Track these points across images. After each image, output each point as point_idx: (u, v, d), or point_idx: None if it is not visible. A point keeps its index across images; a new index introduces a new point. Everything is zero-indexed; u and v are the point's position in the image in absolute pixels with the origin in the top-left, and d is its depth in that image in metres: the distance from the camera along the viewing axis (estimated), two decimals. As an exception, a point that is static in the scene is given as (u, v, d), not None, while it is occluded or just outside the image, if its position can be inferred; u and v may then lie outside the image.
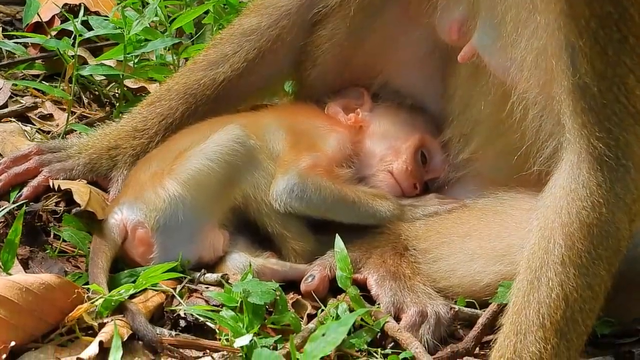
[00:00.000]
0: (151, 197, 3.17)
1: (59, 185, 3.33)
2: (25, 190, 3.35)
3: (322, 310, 3.04)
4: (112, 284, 3.00)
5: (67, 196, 3.32)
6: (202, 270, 3.16)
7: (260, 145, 3.33)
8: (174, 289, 3.06)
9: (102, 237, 3.13)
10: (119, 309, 2.87)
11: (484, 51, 3.10)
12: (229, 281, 3.09)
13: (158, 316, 2.97)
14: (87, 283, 2.99)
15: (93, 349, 2.69)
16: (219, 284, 3.11)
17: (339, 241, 3.14)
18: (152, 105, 3.61)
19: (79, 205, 3.21)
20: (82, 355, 2.66)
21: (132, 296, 2.93)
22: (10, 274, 2.95)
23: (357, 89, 3.62)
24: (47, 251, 3.21)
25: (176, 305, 2.99)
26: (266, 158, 3.31)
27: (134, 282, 2.99)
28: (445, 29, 3.30)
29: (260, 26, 3.60)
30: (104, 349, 2.70)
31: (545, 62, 2.67)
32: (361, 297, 3.09)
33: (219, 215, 3.24)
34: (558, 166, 2.68)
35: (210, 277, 3.14)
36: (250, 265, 3.14)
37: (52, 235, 3.28)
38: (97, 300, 2.85)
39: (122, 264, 3.16)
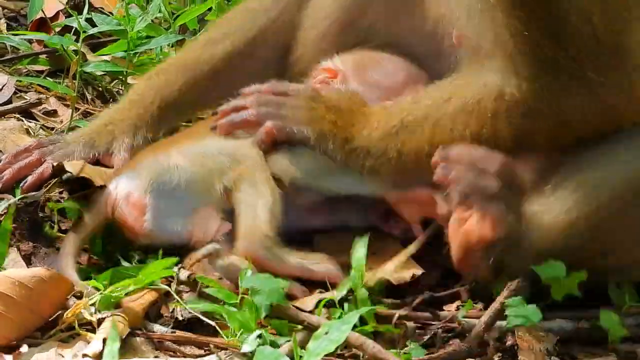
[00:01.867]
0: (150, 162, 3.18)
1: (60, 176, 3.31)
2: (31, 178, 3.32)
3: (326, 307, 3.03)
4: (110, 280, 2.98)
5: (69, 186, 3.31)
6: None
7: None
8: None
9: (90, 212, 3.14)
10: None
11: (465, 30, 3.12)
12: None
13: (156, 312, 2.96)
14: (87, 278, 2.99)
15: (97, 345, 2.67)
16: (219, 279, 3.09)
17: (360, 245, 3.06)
18: (150, 79, 3.61)
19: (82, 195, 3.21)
20: (86, 351, 2.65)
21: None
22: (4, 269, 2.96)
23: None
24: (50, 247, 3.21)
25: (174, 302, 2.97)
26: None
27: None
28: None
29: (262, 5, 3.60)
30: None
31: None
32: (368, 297, 3.07)
33: (219, 203, 3.21)
34: None
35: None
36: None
37: (55, 229, 3.27)
38: (94, 297, 2.84)
39: (120, 251, 3.15)
